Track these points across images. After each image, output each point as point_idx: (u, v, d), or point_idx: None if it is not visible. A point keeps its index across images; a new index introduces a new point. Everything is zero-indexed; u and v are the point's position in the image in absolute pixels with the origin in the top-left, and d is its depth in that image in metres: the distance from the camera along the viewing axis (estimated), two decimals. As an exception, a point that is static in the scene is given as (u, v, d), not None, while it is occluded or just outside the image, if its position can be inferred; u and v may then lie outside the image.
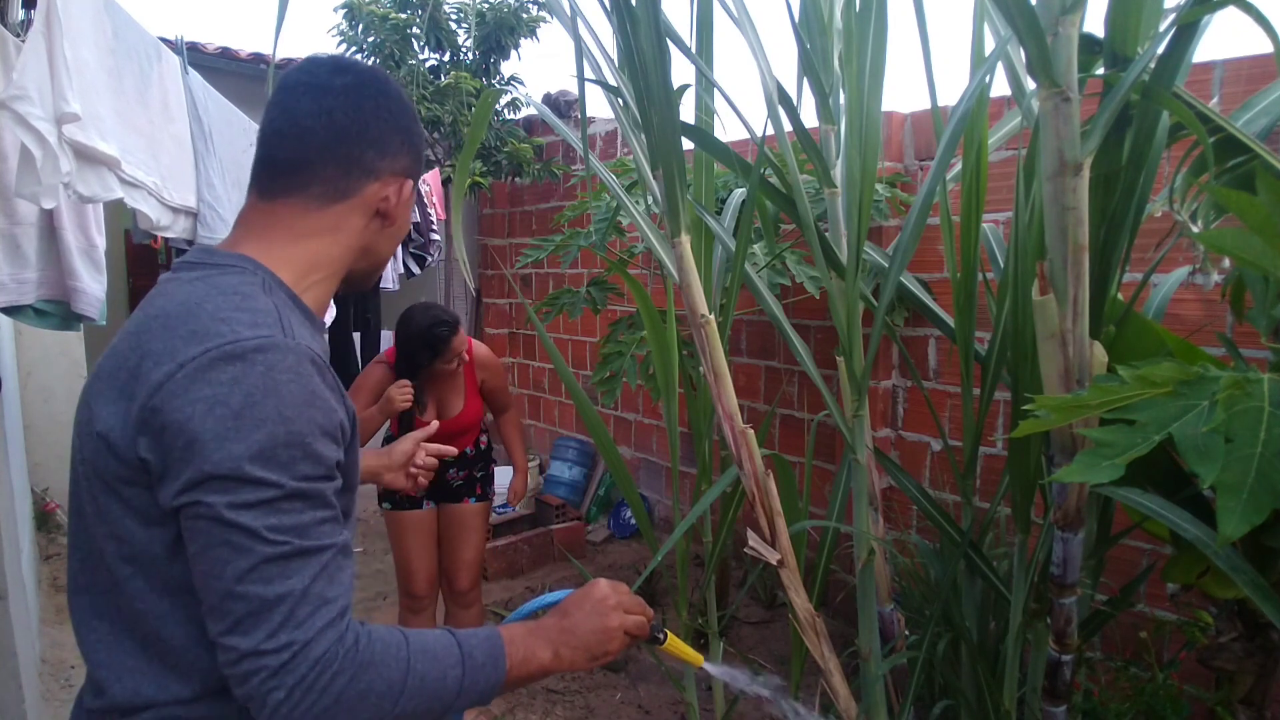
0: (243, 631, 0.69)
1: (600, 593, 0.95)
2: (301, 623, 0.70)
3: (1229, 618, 1.26)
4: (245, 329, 0.74)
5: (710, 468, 1.93)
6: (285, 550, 0.71)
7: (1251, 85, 2.14)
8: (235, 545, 0.70)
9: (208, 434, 0.70)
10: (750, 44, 1.51)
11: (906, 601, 2.51)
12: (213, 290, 0.78)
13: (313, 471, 0.74)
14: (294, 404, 0.73)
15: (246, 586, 0.69)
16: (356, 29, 4.46)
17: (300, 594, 0.70)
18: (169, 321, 0.76)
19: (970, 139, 1.51)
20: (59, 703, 2.85)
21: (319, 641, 0.70)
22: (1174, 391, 0.92)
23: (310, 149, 0.85)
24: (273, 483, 0.71)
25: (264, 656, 0.69)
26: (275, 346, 0.74)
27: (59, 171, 1.59)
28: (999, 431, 2.69)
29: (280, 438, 0.71)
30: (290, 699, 0.69)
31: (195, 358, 0.72)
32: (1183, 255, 1.85)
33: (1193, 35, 1.08)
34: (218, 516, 0.70)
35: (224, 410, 0.70)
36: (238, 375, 0.72)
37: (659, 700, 2.83)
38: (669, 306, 1.90)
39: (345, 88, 0.87)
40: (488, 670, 0.81)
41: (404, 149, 0.90)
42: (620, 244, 3.48)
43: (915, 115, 3.02)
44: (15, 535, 2.58)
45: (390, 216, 0.90)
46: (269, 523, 0.70)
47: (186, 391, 0.71)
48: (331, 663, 0.71)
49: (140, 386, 0.73)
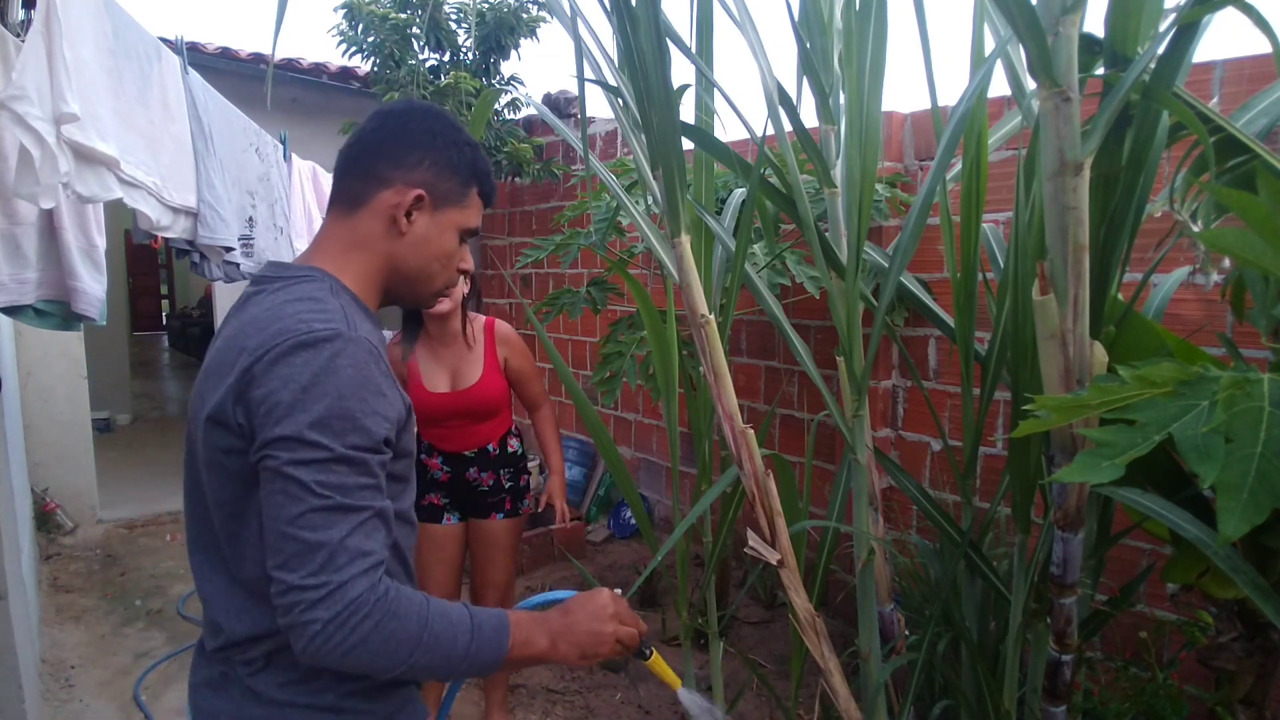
0: (290, 568, 0.83)
1: (601, 600, 1.05)
2: (340, 567, 0.83)
3: (1229, 618, 1.26)
4: (318, 323, 0.90)
5: (710, 468, 1.93)
6: (329, 504, 0.84)
7: (1251, 85, 2.14)
8: (289, 494, 0.84)
9: (282, 403, 0.86)
10: (750, 44, 1.51)
11: (906, 601, 2.51)
12: (291, 297, 0.94)
13: (360, 442, 0.87)
14: (350, 385, 0.88)
15: (295, 529, 0.83)
16: (356, 29, 4.46)
17: (338, 543, 0.83)
18: (259, 323, 0.92)
19: (970, 139, 1.51)
20: (59, 702, 2.85)
21: (353, 585, 0.83)
22: (1174, 391, 0.92)
23: (344, 164, 1.02)
24: (325, 446, 0.85)
25: (305, 591, 0.82)
26: (340, 337, 0.90)
27: (57, 171, 1.59)
28: (999, 431, 2.69)
29: (335, 410, 0.86)
30: (324, 631, 0.82)
31: (278, 345, 0.88)
32: (1183, 255, 1.85)
33: (1193, 35, 1.08)
34: (279, 469, 0.85)
35: (295, 385, 0.86)
36: (308, 359, 0.87)
37: (659, 700, 2.83)
38: (669, 306, 1.90)
39: (387, 114, 1.03)
40: (492, 643, 0.93)
41: (424, 163, 1.01)
42: (620, 244, 3.48)
43: (915, 115, 3.02)
44: (15, 535, 2.58)
45: (399, 224, 1.01)
46: (318, 478, 0.84)
47: (269, 370, 0.87)
48: (363, 606, 0.83)
49: (238, 371, 0.89)
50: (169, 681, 3.02)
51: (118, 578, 3.98)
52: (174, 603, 3.68)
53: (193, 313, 12.24)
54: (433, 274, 1.06)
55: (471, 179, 1.05)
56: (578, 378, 4.67)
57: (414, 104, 1.05)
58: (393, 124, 1.02)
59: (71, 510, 4.51)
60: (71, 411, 4.50)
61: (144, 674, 3.05)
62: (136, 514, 4.80)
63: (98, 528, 4.60)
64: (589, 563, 4.06)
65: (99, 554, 4.27)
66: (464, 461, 2.48)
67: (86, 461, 4.58)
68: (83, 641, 3.31)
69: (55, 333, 2.61)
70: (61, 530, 4.44)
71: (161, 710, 2.83)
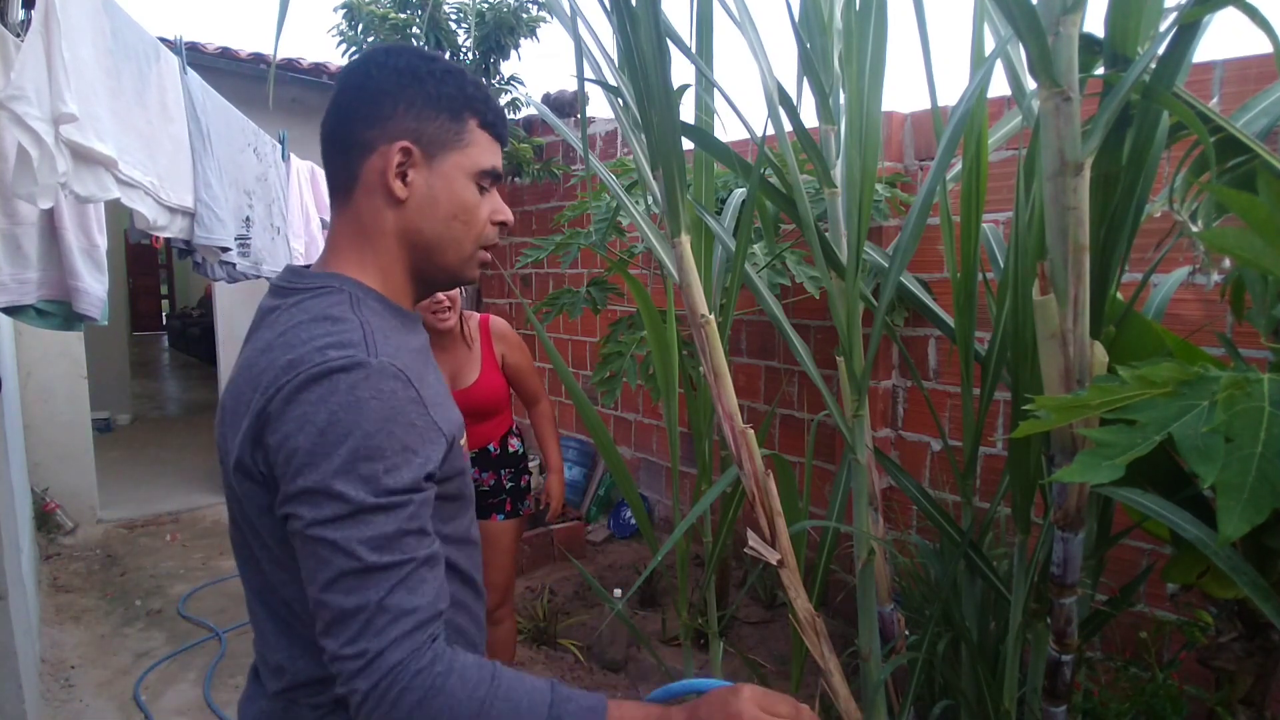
0: (330, 635, 0.75)
1: (740, 705, 0.80)
2: (378, 632, 0.73)
3: (1229, 618, 1.26)
4: (333, 350, 0.78)
5: (710, 468, 1.93)
6: (362, 565, 0.74)
7: (1252, 85, 2.14)
8: (319, 558, 0.75)
9: (300, 450, 0.75)
10: (750, 44, 1.50)
11: (906, 601, 2.51)
12: (306, 317, 0.82)
13: (395, 484, 0.76)
14: (376, 420, 0.76)
15: (329, 595, 0.74)
16: (356, 29, 4.46)
17: (376, 605, 0.74)
18: (270, 354, 0.81)
19: (970, 139, 1.51)
20: (59, 702, 2.85)
21: (393, 651, 0.73)
22: (1174, 391, 0.92)
23: (326, 147, 0.88)
24: (353, 498, 0.74)
25: (345, 661, 0.74)
26: (358, 365, 0.77)
27: (55, 172, 1.59)
28: (999, 431, 2.69)
29: (362, 453, 0.75)
30: (367, 703, 0.73)
31: (289, 382, 0.77)
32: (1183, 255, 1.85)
33: (1193, 35, 1.08)
34: (303, 531, 0.75)
35: (311, 428, 0.75)
36: (323, 395, 0.76)
37: (659, 700, 2.83)
38: (669, 306, 1.90)
39: (346, 73, 0.89)
40: None
41: (395, 112, 0.85)
42: (620, 244, 3.48)
43: (915, 115, 3.02)
44: (15, 535, 2.58)
45: (394, 190, 0.85)
46: (347, 535, 0.74)
47: (282, 413, 0.76)
48: (402, 676, 0.73)
49: (252, 414, 0.79)
50: (169, 681, 3.02)
51: (118, 578, 3.98)
52: (174, 603, 3.68)
53: (193, 313, 12.24)
54: (457, 236, 0.89)
55: (464, 109, 0.87)
56: (578, 378, 4.67)
57: (372, 50, 0.89)
58: (356, 80, 0.87)
59: (71, 510, 4.51)
60: (71, 411, 4.50)
61: (144, 674, 3.05)
62: (136, 514, 4.80)
63: (98, 528, 4.60)
64: (589, 563, 4.06)
65: (99, 554, 4.27)
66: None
67: (86, 461, 4.58)
68: (83, 641, 3.31)
69: (55, 333, 2.61)
70: (61, 530, 4.44)
71: (161, 710, 2.83)
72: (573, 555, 3.93)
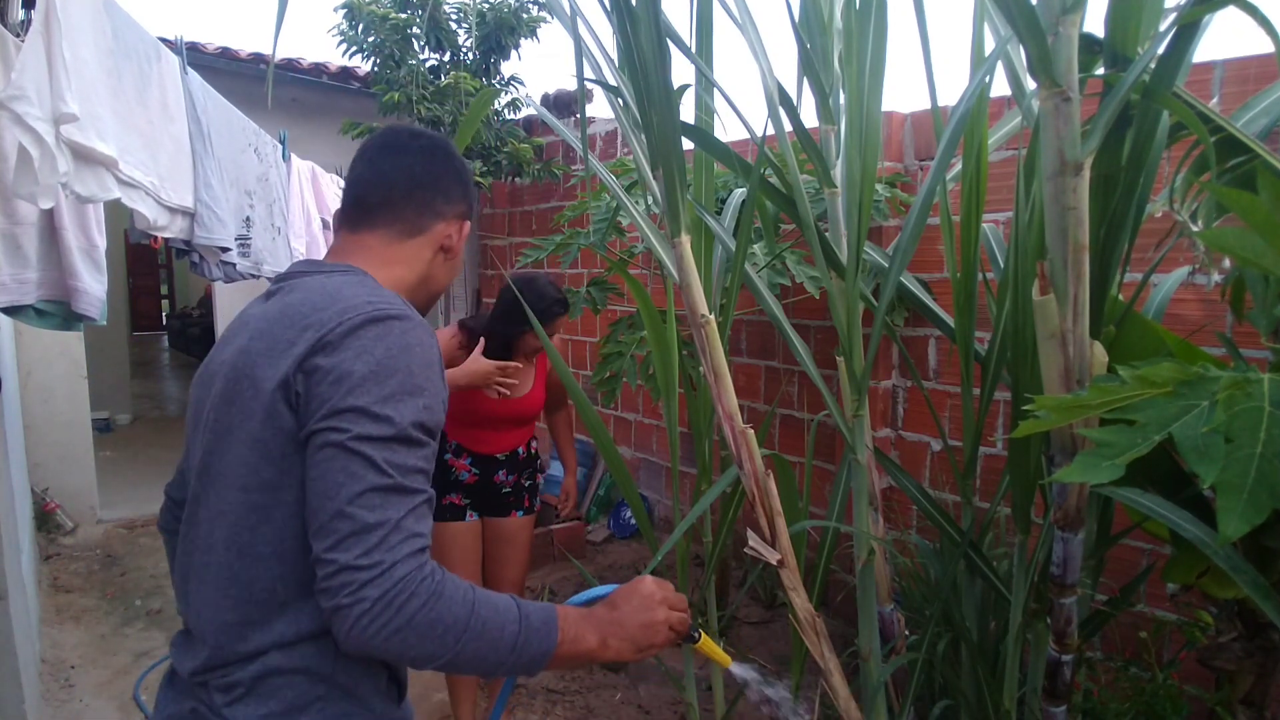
0: (343, 548, 0.81)
1: (647, 589, 1.02)
2: (392, 547, 0.81)
3: (1229, 618, 1.26)
4: (384, 303, 0.92)
5: (710, 468, 1.93)
6: (389, 484, 0.83)
7: (1252, 85, 2.14)
8: (351, 471, 0.83)
9: (355, 373, 0.86)
10: (750, 44, 1.51)
11: (906, 601, 2.51)
12: (346, 283, 0.96)
13: (426, 420, 0.88)
14: (420, 364, 0.90)
15: (353, 508, 0.82)
16: (356, 29, 4.46)
17: (394, 523, 0.82)
18: (318, 303, 0.92)
19: (970, 139, 1.51)
20: (59, 702, 2.85)
21: (403, 564, 0.81)
22: (1174, 391, 0.92)
23: (395, 194, 1.06)
24: (394, 422, 0.85)
25: (357, 571, 0.80)
26: (408, 317, 0.92)
27: (56, 172, 1.59)
28: (999, 431, 2.69)
29: (407, 387, 0.87)
30: (371, 610, 0.80)
31: (349, 318, 0.89)
32: (1183, 255, 1.85)
33: (1193, 35, 1.08)
34: (344, 444, 0.83)
35: (369, 358, 0.87)
36: (381, 333, 0.89)
37: (659, 700, 2.83)
38: (669, 306, 1.90)
39: (421, 149, 1.09)
40: (540, 636, 0.90)
41: (463, 198, 1.11)
42: (620, 244, 3.48)
43: (915, 115, 3.02)
44: (15, 535, 2.58)
45: (453, 251, 1.10)
46: (384, 455, 0.84)
47: (341, 343, 0.87)
48: (411, 584, 0.81)
49: (301, 346, 0.88)
50: (169, 681, 3.02)
51: (118, 578, 3.98)
52: (174, 603, 3.67)
53: (193, 313, 12.24)
54: (447, 284, 1.14)
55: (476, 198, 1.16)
56: (578, 378, 4.67)
57: (440, 140, 1.12)
58: (439, 161, 1.09)
59: (71, 510, 4.51)
60: (71, 411, 4.50)
61: (144, 674, 3.05)
62: (136, 514, 4.80)
63: (98, 528, 4.60)
64: (589, 563, 4.06)
65: (99, 554, 4.27)
66: (494, 464, 2.50)
67: (86, 461, 4.58)
68: (83, 641, 3.31)
69: (55, 333, 2.61)
70: (61, 530, 4.44)
71: (161, 710, 2.83)
72: (573, 555, 3.93)
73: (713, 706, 2.18)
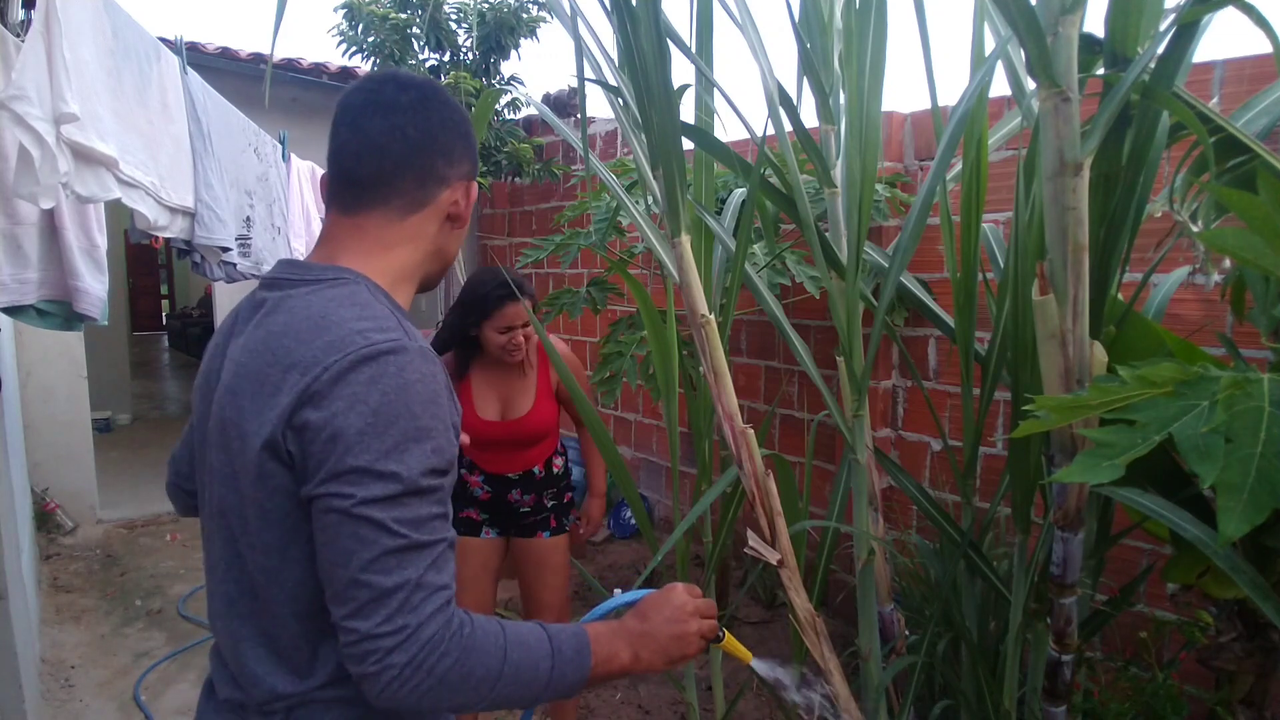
0: (364, 616, 0.76)
1: (679, 599, 0.98)
2: (415, 608, 0.77)
3: (1229, 618, 1.26)
4: (376, 334, 0.82)
5: (710, 468, 1.93)
6: (404, 543, 0.77)
7: (1251, 85, 2.14)
8: (360, 537, 0.77)
9: (351, 429, 0.77)
10: (750, 44, 1.51)
11: (906, 601, 2.51)
12: (332, 303, 0.85)
13: (436, 465, 0.81)
14: (422, 402, 0.81)
15: (369, 575, 0.76)
16: (356, 29, 4.46)
17: (415, 583, 0.77)
18: (301, 336, 0.82)
19: (970, 139, 1.51)
20: (59, 702, 2.85)
21: (429, 625, 0.77)
22: (1174, 391, 0.92)
23: (388, 164, 0.91)
24: (401, 477, 0.78)
25: (381, 639, 0.76)
26: (404, 349, 0.82)
27: (57, 171, 1.59)
28: (999, 431, 2.69)
29: (411, 434, 0.79)
30: (401, 676, 0.76)
31: (336, 362, 0.79)
32: (1183, 255, 1.85)
33: (1193, 35, 1.08)
34: (349, 511, 0.77)
35: (363, 408, 0.78)
36: (374, 375, 0.79)
37: (659, 700, 2.83)
38: (669, 306, 1.90)
39: (412, 104, 0.92)
40: (574, 665, 0.87)
41: (466, 154, 0.96)
42: (620, 244, 3.48)
43: (915, 115, 3.02)
44: (15, 535, 2.58)
45: (461, 219, 0.96)
46: (393, 515, 0.77)
47: (330, 391, 0.78)
48: (439, 644, 0.77)
49: (287, 395, 0.80)
50: (169, 681, 3.02)
51: (118, 578, 3.98)
52: (174, 603, 3.68)
53: (193, 313, 12.24)
54: (457, 251, 1.01)
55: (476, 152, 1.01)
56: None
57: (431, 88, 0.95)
58: (435, 117, 0.93)
59: (71, 510, 4.51)
60: (71, 411, 4.50)
61: (144, 674, 3.05)
62: (136, 514, 4.80)
63: (98, 528, 4.60)
64: (589, 563, 4.05)
65: (99, 554, 4.27)
66: (507, 483, 2.34)
67: (86, 461, 4.58)
68: (83, 641, 3.31)
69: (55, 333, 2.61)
70: (61, 530, 4.44)
71: (161, 710, 2.83)
72: (573, 555, 3.92)
73: (713, 706, 2.18)
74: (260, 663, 0.86)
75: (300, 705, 0.86)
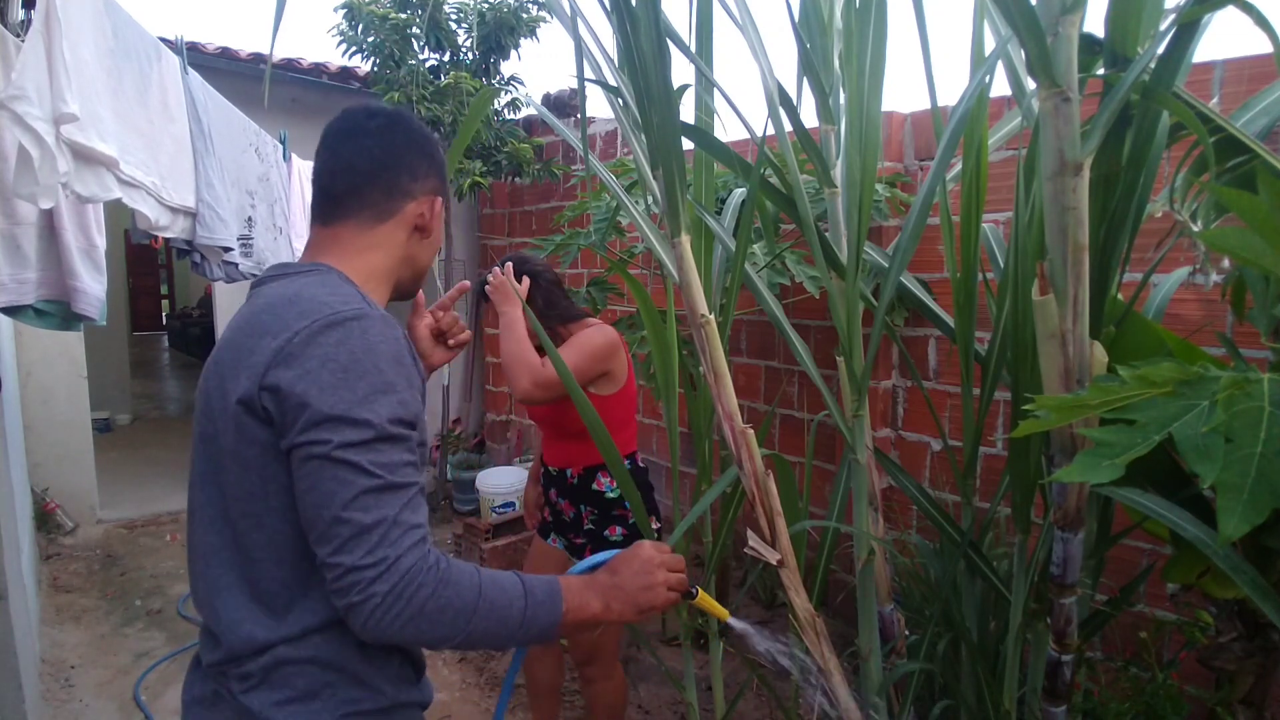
0: (347, 550, 0.84)
1: (645, 553, 1.07)
2: (394, 542, 0.85)
3: (1229, 618, 1.26)
4: (340, 304, 0.92)
5: (710, 468, 1.93)
6: (379, 484, 0.86)
7: (1251, 85, 2.14)
8: (340, 479, 0.85)
9: (324, 384, 0.86)
10: (751, 44, 1.51)
11: (906, 601, 2.51)
12: (305, 285, 0.97)
13: (402, 415, 0.90)
14: (388, 360, 0.90)
15: (349, 513, 0.85)
16: (356, 29, 4.46)
17: (392, 520, 0.86)
18: (276, 310, 0.93)
19: (970, 139, 1.51)
20: (59, 702, 2.85)
21: (407, 557, 0.85)
22: (1174, 391, 0.92)
23: (358, 179, 1.04)
24: (372, 424, 0.86)
25: (363, 570, 0.84)
26: (367, 315, 0.92)
27: (56, 172, 1.59)
28: (999, 431, 2.69)
29: (379, 386, 0.88)
30: (384, 604, 0.84)
31: (306, 327, 0.89)
32: (1183, 255, 1.85)
33: (1193, 35, 1.08)
34: (328, 455, 0.85)
35: (334, 365, 0.87)
36: (342, 338, 0.89)
37: (659, 700, 2.83)
38: (669, 306, 1.90)
39: (379, 128, 1.06)
40: (547, 608, 0.95)
41: (431, 171, 1.09)
42: (620, 244, 3.48)
43: (915, 115, 3.02)
44: (15, 535, 2.58)
45: (427, 229, 1.09)
46: (368, 459, 0.86)
47: (302, 352, 0.88)
48: (417, 574, 0.85)
49: (261, 356, 0.89)
50: (169, 681, 3.02)
51: (118, 578, 3.98)
52: (174, 603, 3.68)
53: (193, 313, 12.24)
54: (429, 262, 1.13)
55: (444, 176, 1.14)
56: (578, 378, 4.66)
57: (397, 115, 1.09)
58: (400, 138, 1.06)
59: (71, 510, 4.51)
60: (71, 411, 4.50)
61: (144, 674, 3.05)
62: (136, 514, 4.80)
63: (98, 528, 4.60)
64: (589, 563, 4.05)
65: (99, 554, 4.27)
66: (549, 478, 2.31)
67: (86, 461, 4.58)
68: (83, 641, 3.31)
69: (55, 333, 2.61)
70: (61, 530, 4.44)
71: (161, 710, 2.83)
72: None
73: (712, 706, 2.18)
74: (238, 609, 0.93)
75: (275, 667, 0.92)
